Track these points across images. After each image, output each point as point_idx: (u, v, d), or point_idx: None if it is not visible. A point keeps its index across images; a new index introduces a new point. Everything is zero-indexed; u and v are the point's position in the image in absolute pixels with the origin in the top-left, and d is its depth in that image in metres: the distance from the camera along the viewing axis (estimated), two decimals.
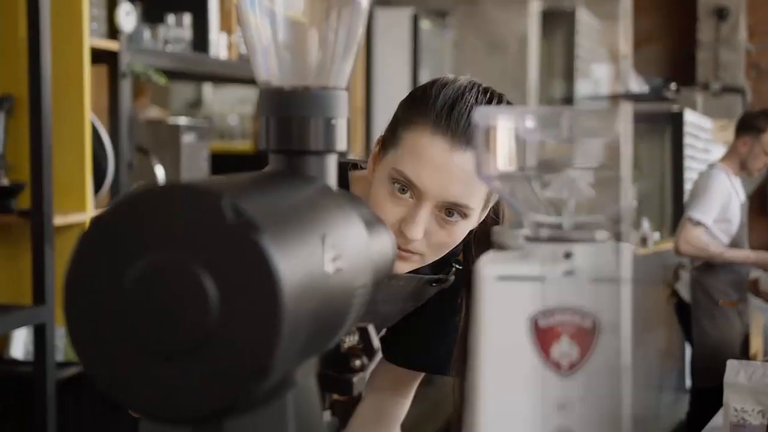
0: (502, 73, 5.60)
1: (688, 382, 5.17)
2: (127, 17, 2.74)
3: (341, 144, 0.87)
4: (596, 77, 7.58)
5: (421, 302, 1.47)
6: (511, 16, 5.69)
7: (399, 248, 1.28)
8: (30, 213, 2.44)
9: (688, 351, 5.48)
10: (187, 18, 3.14)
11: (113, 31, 2.76)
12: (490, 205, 1.35)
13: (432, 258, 1.32)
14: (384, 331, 1.54)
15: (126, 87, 2.79)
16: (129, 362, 0.65)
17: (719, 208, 4.38)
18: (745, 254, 4.52)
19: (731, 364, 2.06)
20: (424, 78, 6.06)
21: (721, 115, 8.37)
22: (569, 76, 7.45)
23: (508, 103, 1.31)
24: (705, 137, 7.74)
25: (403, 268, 1.32)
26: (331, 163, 0.87)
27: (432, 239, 1.29)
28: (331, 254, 0.73)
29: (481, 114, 0.75)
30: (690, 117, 7.20)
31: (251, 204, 0.66)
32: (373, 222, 0.92)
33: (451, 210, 1.27)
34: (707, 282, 4.52)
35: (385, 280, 1.32)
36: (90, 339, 0.66)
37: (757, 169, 4.53)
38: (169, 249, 0.64)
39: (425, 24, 5.43)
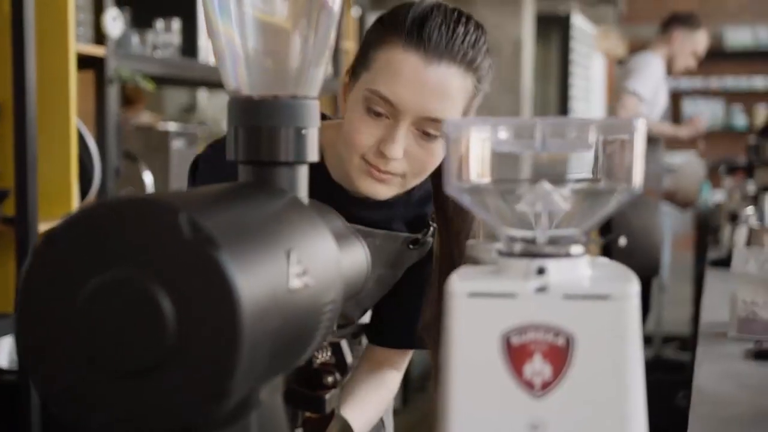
0: (496, 77, 5.56)
1: None
2: (114, 22, 2.71)
3: (312, 154, 0.84)
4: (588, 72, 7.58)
5: (400, 271, 1.45)
6: (505, 20, 5.67)
7: (379, 170, 1.26)
8: (15, 220, 2.41)
9: None
10: (176, 23, 3.12)
11: (100, 37, 2.74)
12: (471, 113, 1.34)
13: (413, 181, 1.30)
14: (367, 316, 1.52)
15: (113, 93, 2.76)
16: (82, 382, 0.62)
17: (652, 88, 4.46)
18: (675, 129, 4.77)
19: (739, 252, 1.96)
20: None
21: (595, 24, 8.48)
22: (564, 79, 7.45)
23: (477, 25, 1.29)
24: (588, 43, 7.85)
25: (384, 192, 1.30)
26: (302, 174, 0.84)
27: (412, 159, 1.27)
28: (297, 270, 0.71)
29: (453, 125, 0.73)
30: (577, 21, 7.26)
31: (211, 219, 0.64)
32: (345, 235, 0.90)
33: (429, 130, 1.25)
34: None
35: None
36: (42, 357, 0.63)
37: (681, 66, 4.65)
38: (125, 265, 0.62)
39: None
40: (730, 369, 1.66)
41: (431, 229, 1.41)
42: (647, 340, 5.61)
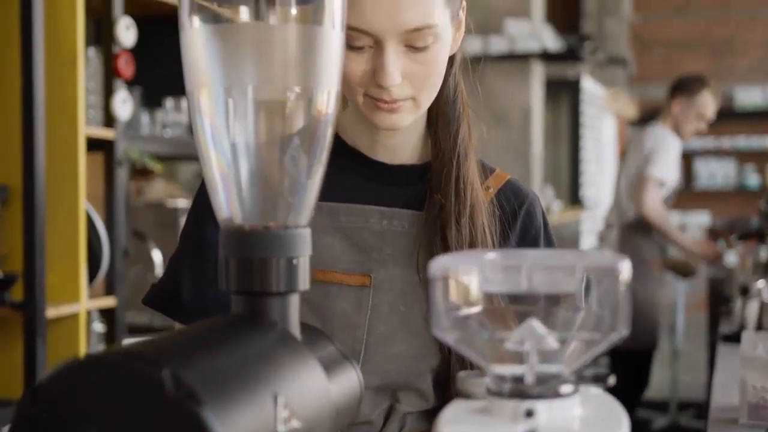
0: (506, 145, 5.61)
1: None
2: (124, 105, 2.74)
3: (304, 283, 0.84)
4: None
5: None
6: (515, 89, 5.71)
7: (385, 102, 1.18)
8: (23, 306, 2.42)
9: None
10: (185, 102, 3.16)
11: (109, 119, 2.77)
12: (461, 13, 1.25)
13: (427, 98, 1.21)
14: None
15: (122, 174, 2.78)
16: None
17: (674, 169, 4.47)
18: (691, 242, 4.70)
19: (747, 336, 1.91)
20: None
21: (606, 85, 8.52)
22: (575, 142, 7.47)
23: None
24: (599, 105, 7.89)
25: (402, 120, 1.20)
26: (294, 303, 0.84)
27: (413, 78, 1.17)
28: (284, 414, 0.71)
29: (439, 266, 0.73)
30: (587, 84, 7.29)
31: (195, 371, 0.64)
32: (337, 360, 0.89)
33: (416, 44, 1.16)
34: (637, 240, 4.52)
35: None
36: None
37: (690, 132, 4.60)
38: (108, 422, 0.62)
39: None
40: None
41: None
42: (663, 406, 5.55)
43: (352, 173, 1.29)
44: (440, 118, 1.28)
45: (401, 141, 1.29)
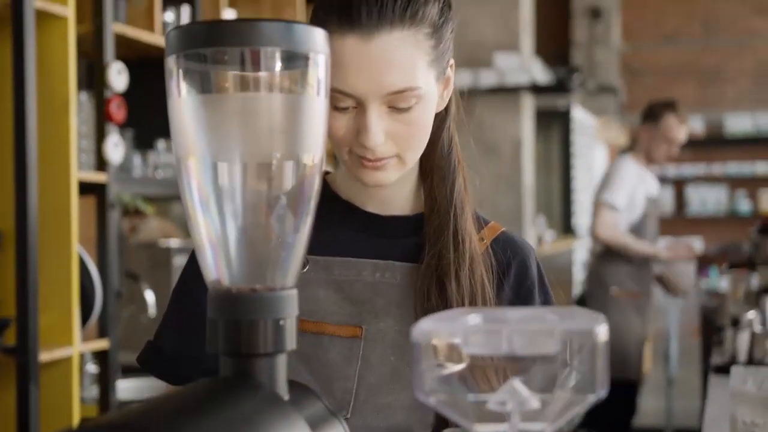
0: (497, 177, 5.64)
1: None
2: (116, 149, 2.76)
3: (291, 343, 0.86)
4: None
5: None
6: (505, 120, 5.75)
7: (369, 160, 1.18)
8: (16, 350, 2.43)
9: None
10: None
11: (102, 163, 2.79)
12: (449, 70, 1.26)
13: (412, 156, 1.21)
14: None
15: (114, 217, 2.80)
16: None
17: (627, 194, 4.50)
18: (655, 249, 4.58)
19: (737, 371, 1.91)
20: None
21: (596, 114, 8.58)
22: (566, 172, 7.51)
23: None
24: (590, 134, 7.93)
25: (386, 177, 1.21)
26: (281, 363, 0.86)
27: (396, 137, 1.18)
28: None
29: (419, 330, 0.75)
30: (577, 114, 7.34)
31: None
32: (324, 417, 0.91)
33: (399, 105, 1.16)
34: (604, 270, 4.54)
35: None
36: None
37: (661, 156, 4.61)
38: None
39: None
40: None
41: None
42: None
43: (347, 226, 1.31)
44: (435, 172, 1.29)
45: (393, 192, 1.30)
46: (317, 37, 0.85)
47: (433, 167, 1.29)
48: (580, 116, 7.66)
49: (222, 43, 0.83)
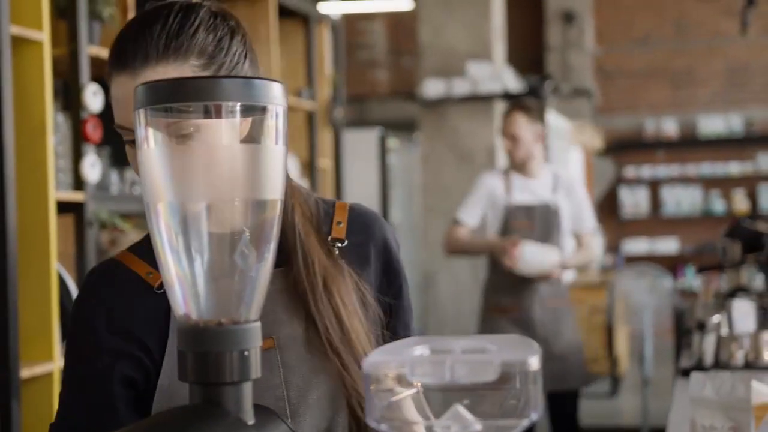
0: (471, 184, 5.71)
1: None
2: (92, 168, 2.82)
3: (256, 372, 0.93)
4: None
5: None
6: (478, 128, 5.84)
7: None
8: None
9: None
10: None
11: (79, 182, 2.84)
12: None
13: None
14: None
15: (92, 235, 2.86)
16: None
17: (481, 209, 4.25)
18: (484, 240, 4.29)
19: (696, 377, 1.95)
20: (394, 194, 6.21)
21: (571, 117, 8.69)
22: None
23: (180, 8, 1.25)
24: (565, 137, 8.03)
25: None
26: (247, 391, 0.93)
27: None
28: None
29: (369, 362, 0.82)
30: (551, 119, 7.45)
31: None
32: None
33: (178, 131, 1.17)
34: (484, 288, 4.36)
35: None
36: None
37: (508, 152, 4.31)
38: None
39: (393, 142, 5.56)
40: None
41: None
42: None
43: None
44: None
45: None
46: (274, 91, 0.92)
47: None
48: (554, 121, 7.76)
49: (186, 98, 0.90)
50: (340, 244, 1.35)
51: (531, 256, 4.07)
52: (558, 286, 4.29)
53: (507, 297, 4.23)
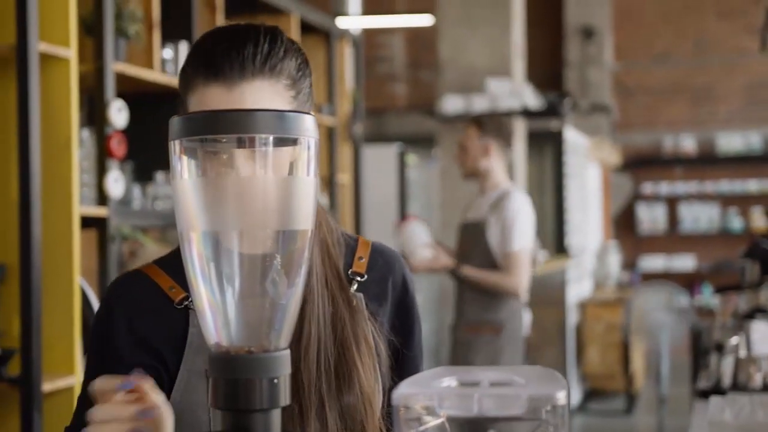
0: None
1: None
2: (116, 184, 2.85)
3: (285, 399, 0.95)
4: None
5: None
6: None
7: None
8: (19, 381, 2.51)
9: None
10: None
11: (102, 197, 2.87)
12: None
13: None
14: None
15: (114, 249, 2.89)
16: None
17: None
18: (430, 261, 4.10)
19: (715, 401, 1.96)
20: (412, 209, 6.23)
21: (590, 133, 8.66)
22: (559, 192, 7.60)
23: (267, 31, 1.27)
24: (583, 153, 8.02)
25: None
26: (276, 418, 0.94)
27: None
28: None
29: (398, 394, 0.83)
30: (569, 135, 7.44)
31: None
32: None
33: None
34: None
35: None
36: None
37: (457, 161, 4.27)
38: None
39: (411, 158, 5.57)
40: None
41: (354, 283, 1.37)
42: None
43: None
44: None
45: None
46: (306, 123, 0.94)
47: None
48: (573, 137, 7.76)
49: (220, 130, 0.92)
50: (359, 279, 1.36)
51: (409, 233, 4.04)
52: (487, 312, 4.08)
53: (484, 314, 4.06)
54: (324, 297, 1.32)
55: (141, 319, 1.30)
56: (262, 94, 1.24)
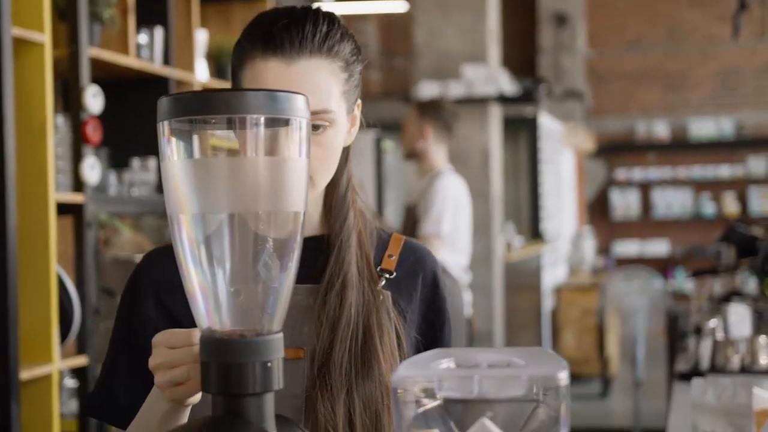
0: (466, 186, 5.71)
1: None
2: (92, 170, 2.82)
3: (278, 383, 0.93)
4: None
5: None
6: (473, 130, 5.83)
7: None
8: None
9: None
10: (152, 161, 3.23)
11: (78, 184, 2.84)
12: (357, 110, 1.35)
13: (322, 180, 1.30)
14: None
15: (91, 236, 2.85)
16: None
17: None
18: None
19: (697, 382, 1.96)
20: (389, 196, 6.22)
21: (564, 119, 8.72)
22: (534, 177, 7.63)
23: (325, 15, 1.30)
24: (557, 139, 8.07)
25: None
26: (269, 401, 0.93)
27: (311, 158, 1.21)
28: None
29: (398, 376, 0.82)
30: (544, 121, 7.49)
31: None
32: None
33: (314, 122, 1.23)
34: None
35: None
36: None
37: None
38: None
39: (387, 145, 5.55)
40: None
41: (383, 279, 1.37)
42: None
43: None
44: (333, 209, 1.36)
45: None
46: (298, 103, 0.92)
47: (332, 204, 1.37)
48: (547, 123, 7.77)
49: (210, 111, 0.90)
50: (388, 276, 1.36)
51: None
52: None
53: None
54: (359, 285, 1.32)
55: (168, 294, 1.31)
56: (319, 72, 1.26)
